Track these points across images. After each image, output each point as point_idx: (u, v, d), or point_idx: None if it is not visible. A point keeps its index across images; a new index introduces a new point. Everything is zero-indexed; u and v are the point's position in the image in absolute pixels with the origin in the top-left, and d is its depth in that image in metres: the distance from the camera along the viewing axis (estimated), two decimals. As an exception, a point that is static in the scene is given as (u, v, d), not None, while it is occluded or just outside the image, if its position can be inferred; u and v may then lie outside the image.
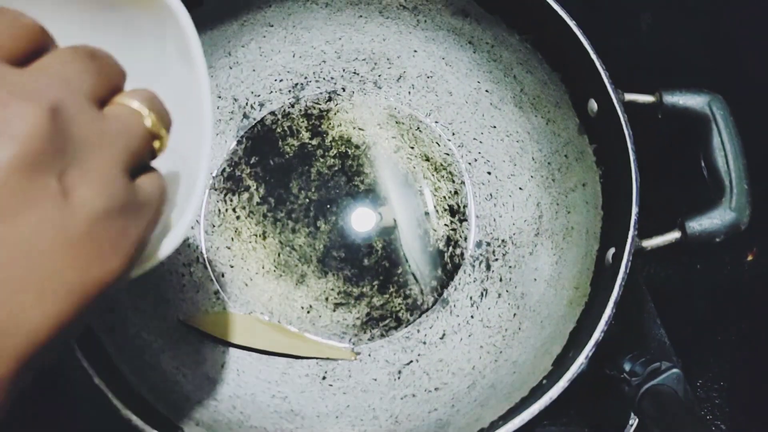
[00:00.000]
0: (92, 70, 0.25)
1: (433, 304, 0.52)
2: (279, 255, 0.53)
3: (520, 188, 0.53)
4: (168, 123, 0.27)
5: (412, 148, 0.55)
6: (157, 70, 0.29)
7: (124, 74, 0.27)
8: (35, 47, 0.24)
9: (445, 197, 0.54)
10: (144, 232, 0.25)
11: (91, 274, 0.23)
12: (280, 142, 0.55)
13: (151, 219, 0.26)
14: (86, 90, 0.24)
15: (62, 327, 0.22)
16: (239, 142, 0.55)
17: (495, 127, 0.54)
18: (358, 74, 0.55)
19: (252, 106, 0.55)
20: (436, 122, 0.55)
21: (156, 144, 0.27)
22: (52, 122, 0.22)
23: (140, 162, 0.26)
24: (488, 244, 0.53)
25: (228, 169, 0.54)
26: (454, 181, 0.54)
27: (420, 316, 0.52)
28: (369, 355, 0.51)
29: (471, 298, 0.52)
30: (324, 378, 0.50)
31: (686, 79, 0.47)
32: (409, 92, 0.55)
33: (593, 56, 0.45)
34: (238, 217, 0.53)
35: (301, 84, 0.55)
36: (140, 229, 0.25)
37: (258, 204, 0.54)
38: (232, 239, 0.53)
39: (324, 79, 0.55)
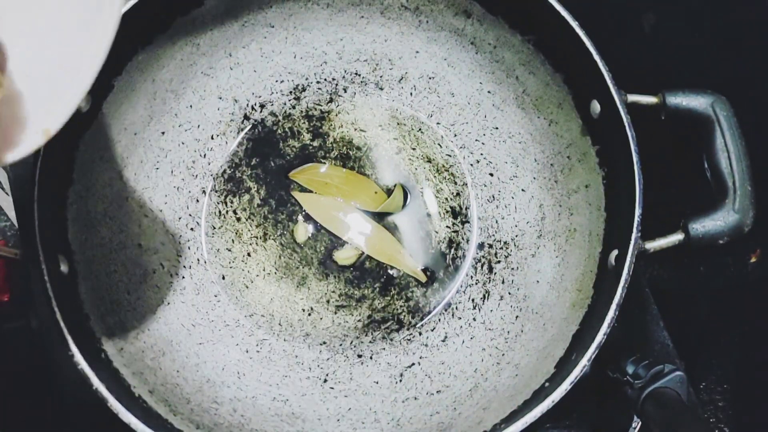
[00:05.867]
0: None
1: (435, 306, 0.52)
2: (280, 257, 0.53)
3: (523, 190, 0.53)
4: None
5: (414, 149, 0.55)
6: None
7: None
8: None
9: (447, 199, 0.54)
10: None
11: None
12: (281, 144, 0.55)
13: None
14: None
15: None
16: (240, 144, 0.54)
17: (497, 128, 0.54)
18: (359, 75, 0.55)
19: (253, 108, 0.55)
20: (438, 123, 0.55)
21: None
22: None
23: None
24: (490, 246, 0.53)
25: (228, 171, 0.54)
26: (456, 183, 0.54)
27: (422, 318, 0.52)
28: (370, 358, 0.51)
29: (473, 300, 0.52)
30: (325, 381, 0.50)
31: (689, 80, 0.47)
32: (411, 93, 0.55)
33: (596, 57, 0.45)
34: (238, 219, 0.53)
35: (302, 85, 0.55)
36: None
37: (259, 206, 0.53)
38: (233, 241, 0.53)
39: (325, 80, 0.55)
